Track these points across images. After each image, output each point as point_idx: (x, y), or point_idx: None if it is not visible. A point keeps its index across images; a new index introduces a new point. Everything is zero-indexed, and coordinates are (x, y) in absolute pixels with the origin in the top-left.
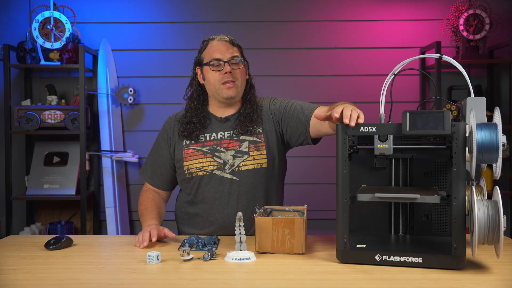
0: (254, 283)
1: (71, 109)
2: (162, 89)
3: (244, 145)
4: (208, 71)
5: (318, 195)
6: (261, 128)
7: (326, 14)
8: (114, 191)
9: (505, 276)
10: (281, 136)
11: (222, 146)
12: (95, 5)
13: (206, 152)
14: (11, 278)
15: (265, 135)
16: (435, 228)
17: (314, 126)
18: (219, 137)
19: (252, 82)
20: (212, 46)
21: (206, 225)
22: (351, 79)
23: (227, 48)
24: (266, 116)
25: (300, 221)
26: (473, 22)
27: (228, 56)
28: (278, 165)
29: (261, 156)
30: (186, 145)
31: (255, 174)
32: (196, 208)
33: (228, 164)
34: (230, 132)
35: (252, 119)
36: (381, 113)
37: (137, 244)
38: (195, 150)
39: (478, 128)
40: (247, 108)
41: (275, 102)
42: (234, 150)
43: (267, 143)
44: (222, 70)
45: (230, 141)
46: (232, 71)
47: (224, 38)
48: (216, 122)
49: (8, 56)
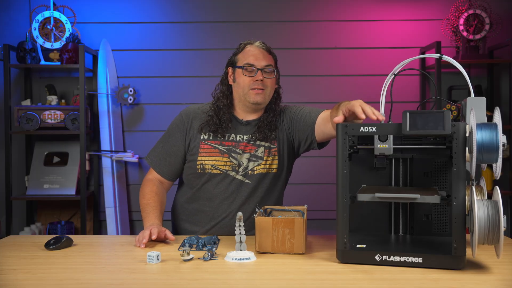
0: (254, 283)
1: (71, 109)
2: (162, 89)
3: (260, 150)
4: (240, 74)
5: (318, 195)
6: (275, 135)
7: (326, 14)
8: (114, 191)
9: (505, 276)
10: (292, 143)
11: (239, 148)
12: (95, 5)
13: (223, 152)
14: (11, 278)
15: (278, 141)
16: (435, 228)
17: (319, 128)
18: (237, 139)
19: (280, 92)
20: (249, 50)
21: (207, 221)
22: (351, 79)
23: (264, 56)
24: (280, 124)
25: (300, 221)
26: (473, 22)
27: (262, 64)
28: (286, 172)
29: (273, 162)
30: (204, 140)
31: (265, 178)
32: (199, 204)
33: (242, 166)
34: (249, 136)
35: (271, 127)
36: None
37: (137, 243)
38: (212, 147)
39: (478, 128)
40: (269, 116)
41: (288, 110)
42: (250, 153)
43: (279, 149)
44: (254, 76)
45: (247, 144)
46: (264, 80)
47: (262, 46)
48: (237, 124)
49: (8, 56)
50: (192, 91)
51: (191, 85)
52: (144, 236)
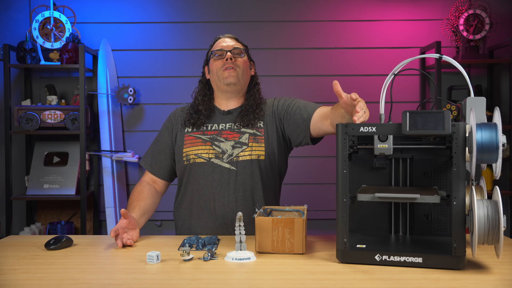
0: (254, 283)
1: (71, 109)
2: (162, 89)
3: (244, 136)
4: (212, 62)
5: (318, 195)
6: (262, 123)
7: (326, 14)
8: (114, 191)
9: (505, 276)
10: (282, 134)
11: (222, 137)
12: (95, 5)
13: (206, 140)
14: (11, 278)
15: (265, 129)
16: (435, 228)
17: (315, 124)
18: (220, 128)
19: (257, 81)
20: (218, 42)
21: (205, 216)
22: (351, 79)
23: (231, 41)
24: (269, 112)
25: (300, 221)
26: (473, 22)
27: (230, 46)
28: (278, 162)
29: (259, 148)
30: (188, 132)
31: (252, 165)
32: (191, 197)
33: (227, 153)
34: (231, 124)
35: (255, 112)
36: (381, 113)
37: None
38: (195, 137)
39: (478, 128)
40: (250, 102)
41: (279, 100)
42: (234, 141)
43: (266, 137)
44: (224, 57)
45: (230, 132)
46: (234, 59)
47: (229, 35)
48: (219, 115)
49: (8, 56)
50: (192, 91)
51: (191, 85)
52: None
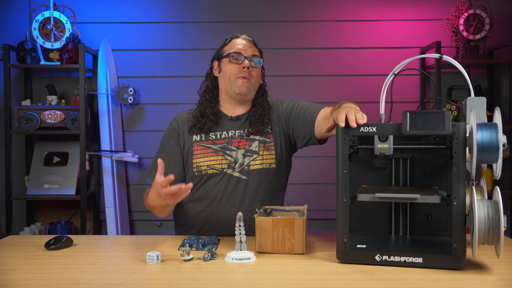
0: (254, 283)
1: (71, 109)
2: (162, 89)
3: (254, 144)
4: (226, 63)
5: (318, 195)
6: (269, 128)
7: (326, 14)
8: (114, 191)
9: (505, 276)
10: (288, 137)
11: (233, 145)
12: (95, 5)
13: (217, 150)
14: (11, 278)
15: (273, 135)
16: (435, 228)
17: (319, 125)
18: (229, 135)
19: (265, 89)
20: (236, 41)
21: (208, 222)
22: (351, 79)
23: (251, 46)
24: (275, 117)
25: (300, 221)
26: (473, 22)
27: (249, 53)
28: (285, 166)
29: (270, 156)
30: (196, 141)
31: (263, 174)
32: (198, 204)
33: (238, 162)
34: (241, 131)
35: (263, 120)
36: (381, 113)
37: (160, 188)
38: (205, 147)
39: (478, 128)
40: (258, 109)
41: (282, 103)
42: (244, 149)
43: (275, 143)
44: (241, 64)
45: (240, 139)
46: (250, 68)
47: (248, 38)
48: (227, 121)
49: (8, 56)
50: (192, 91)
51: (191, 85)
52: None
